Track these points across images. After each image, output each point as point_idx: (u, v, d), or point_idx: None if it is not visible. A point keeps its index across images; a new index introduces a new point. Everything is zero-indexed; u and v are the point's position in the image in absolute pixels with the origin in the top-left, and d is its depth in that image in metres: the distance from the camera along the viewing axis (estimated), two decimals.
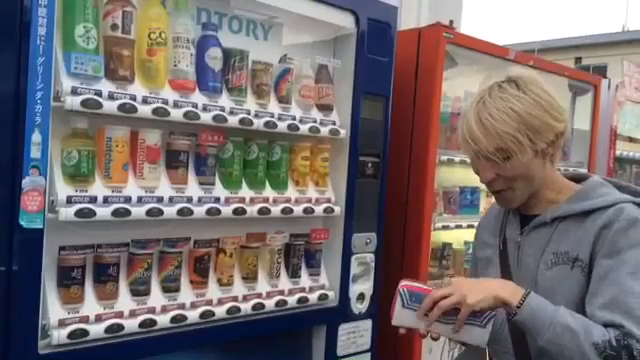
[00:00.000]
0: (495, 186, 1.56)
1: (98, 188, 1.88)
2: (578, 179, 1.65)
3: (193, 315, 2.11)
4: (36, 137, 1.69)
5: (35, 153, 1.70)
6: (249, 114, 2.21)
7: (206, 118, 2.08)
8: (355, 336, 2.68)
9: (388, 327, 2.84)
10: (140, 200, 1.96)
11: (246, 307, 2.26)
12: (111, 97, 1.85)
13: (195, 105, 2.06)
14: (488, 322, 1.44)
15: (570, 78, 3.90)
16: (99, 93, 1.83)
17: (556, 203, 1.59)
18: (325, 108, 2.50)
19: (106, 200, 1.88)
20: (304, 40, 2.54)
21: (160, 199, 2.00)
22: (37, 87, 1.68)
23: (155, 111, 1.94)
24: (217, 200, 2.15)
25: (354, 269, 2.64)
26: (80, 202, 1.82)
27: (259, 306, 2.30)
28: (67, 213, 1.78)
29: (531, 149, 1.49)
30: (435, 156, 2.96)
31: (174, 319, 2.06)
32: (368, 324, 2.73)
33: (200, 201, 2.11)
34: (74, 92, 1.77)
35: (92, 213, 1.83)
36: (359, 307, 2.67)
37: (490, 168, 1.52)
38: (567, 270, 1.50)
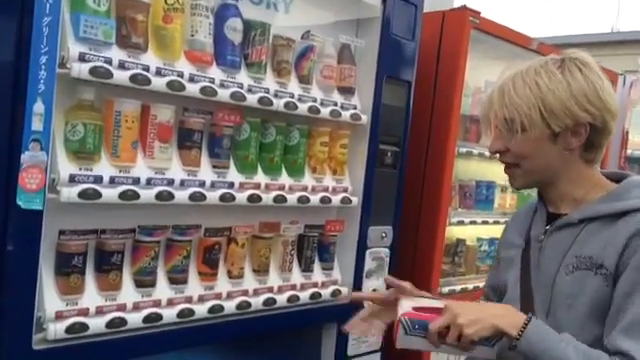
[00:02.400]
0: (503, 158, 1.48)
1: (104, 167, 1.69)
2: (617, 179, 1.50)
3: (201, 310, 1.94)
4: (38, 107, 1.50)
5: (37, 125, 1.50)
6: (268, 93, 2.03)
7: (223, 95, 1.89)
8: (367, 335, 2.52)
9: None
10: (149, 182, 1.77)
11: (257, 302, 2.10)
12: (122, 66, 1.66)
13: (212, 80, 1.88)
14: (496, 343, 1.35)
15: None
16: (109, 61, 1.64)
17: (585, 202, 1.45)
18: (346, 91, 2.32)
19: (112, 180, 1.69)
20: (326, 17, 2.35)
21: (171, 182, 1.82)
22: (41, 51, 1.49)
23: (170, 84, 1.76)
24: (231, 185, 1.97)
25: (368, 264, 2.48)
26: (84, 182, 1.63)
27: (271, 301, 2.14)
28: (70, 193, 1.59)
29: (543, 130, 1.39)
30: (454, 147, 2.80)
31: (181, 313, 1.88)
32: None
33: (213, 186, 1.93)
34: (82, 59, 1.58)
35: (97, 194, 1.64)
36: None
37: (499, 138, 1.45)
38: (589, 276, 1.37)
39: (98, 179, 1.66)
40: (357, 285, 2.45)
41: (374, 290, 2.50)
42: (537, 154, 1.44)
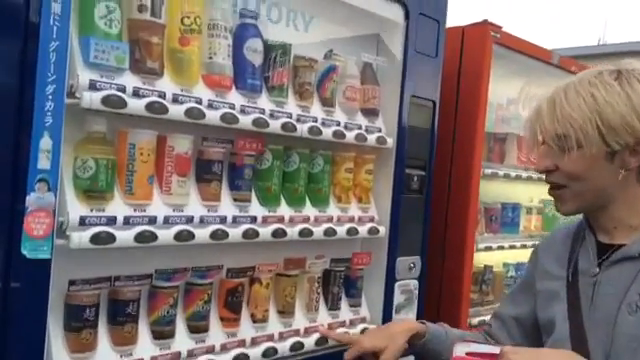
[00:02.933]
0: (550, 178, 1.35)
1: (118, 206, 1.52)
2: None
3: (224, 359, 1.75)
4: (45, 143, 1.32)
5: (43, 163, 1.32)
6: (291, 118, 1.86)
7: (245, 122, 1.72)
8: None
9: None
10: (167, 221, 1.59)
11: (284, 347, 1.91)
12: (136, 94, 1.49)
13: (232, 106, 1.71)
14: None
15: None
16: (122, 89, 1.46)
17: None
18: (370, 113, 2.16)
19: (127, 221, 1.51)
20: (346, 34, 2.20)
21: (190, 219, 1.64)
22: (48, 79, 1.32)
23: (188, 112, 1.59)
24: (254, 220, 1.80)
25: (397, 298, 2.30)
26: (96, 224, 1.45)
27: (298, 346, 1.94)
28: (81, 238, 1.41)
29: (600, 147, 1.26)
30: (480, 169, 2.65)
31: None
32: None
33: (235, 221, 1.75)
34: (93, 87, 1.41)
35: (111, 238, 1.46)
36: None
37: (548, 155, 1.32)
38: None
39: (111, 220, 1.48)
40: (387, 321, 2.26)
41: None
42: (590, 174, 1.30)
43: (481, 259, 2.89)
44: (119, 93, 1.45)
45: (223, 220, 1.72)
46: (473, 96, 2.63)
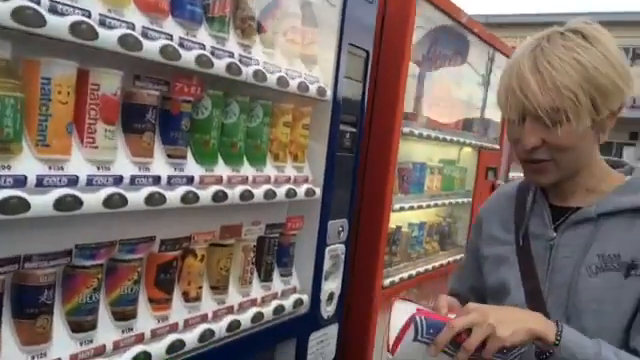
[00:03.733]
0: (537, 154, 1.24)
1: (28, 162, 1.12)
2: (613, 165, 1.37)
3: (157, 349, 1.43)
4: None
5: None
6: (233, 57, 1.55)
7: (187, 58, 1.38)
8: (323, 345, 2.17)
9: (349, 331, 2.40)
10: (91, 182, 1.22)
11: (220, 328, 1.63)
12: (55, 10, 1.09)
13: (169, 37, 1.36)
14: (515, 356, 1.16)
15: (489, 45, 3.64)
16: (37, 1, 1.06)
17: (598, 193, 1.29)
18: (309, 60, 1.90)
19: (40, 182, 1.12)
20: None
21: (118, 180, 1.28)
22: None
23: (123, 40, 1.21)
24: (190, 181, 1.48)
25: (326, 265, 2.11)
26: (2, 186, 1.05)
27: (235, 325, 1.68)
28: None
29: (590, 116, 1.18)
30: (400, 127, 2.52)
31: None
32: (335, 329, 2.24)
33: (169, 182, 1.42)
34: None
35: (24, 205, 1.07)
36: (328, 310, 2.16)
37: (537, 132, 1.21)
38: (619, 278, 1.21)
39: (20, 182, 1.09)
40: (316, 291, 2.08)
41: (331, 293, 2.16)
42: (579, 145, 1.23)
43: (393, 220, 2.80)
44: (35, 6, 1.04)
45: (156, 181, 1.38)
46: (398, 47, 2.47)
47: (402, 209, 2.69)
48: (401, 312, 1.30)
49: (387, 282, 2.66)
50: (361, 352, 2.55)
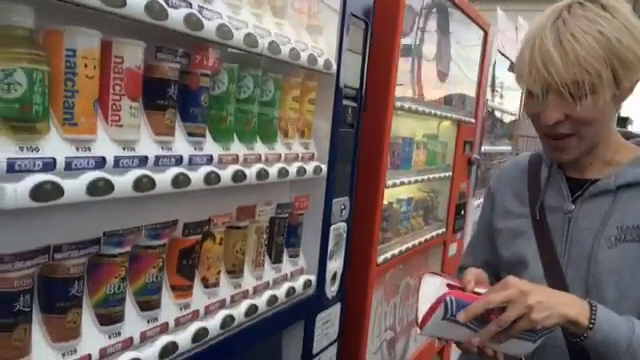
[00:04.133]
0: (559, 129, 1.24)
1: (56, 143, 1.02)
2: (625, 137, 1.39)
3: (183, 339, 1.36)
4: None
5: None
6: (247, 28, 1.46)
7: (209, 28, 1.29)
8: (327, 326, 2.14)
9: (347, 309, 2.37)
10: (117, 164, 1.13)
11: (239, 313, 1.57)
12: None
13: (189, 4, 1.26)
14: (541, 338, 1.17)
15: (466, 15, 3.61)
16: None
17: (614, 165, 1.32)
18: (315, 31, 1.83)
19: (69, 166, 1.02)
20: None
21: (143, 160, 1.19)
22: None
23: (150, 8, 1.11)
24: (209, 160, 1.39)
25: (330, 244, 2.07)
26: (30, 170, 0.95)
27: (252, 309, 1.62)
28: (17, 193, 0.90)
29: (611, 89, 1.18)
30: (394, 101, 2.48)
31: (163, 353, 1.29)
32: (338, 309, 2.21)
33: (191, 162, 1.33)
34: None
35: (57, 191, 0.97)
36: (332, 290, 2.12)
37: (559, 107, 1.20)
38: (638, 249, 1.24)
39: (49, 165, 0.98)
40: (321, 271, 2.03)
41: (335, 273, 2.12)
42: (601, 118, 1.23)
43: (385, 196, 2.77)
44: None
45: (179, 161, 1.29)
46: (391, 18, 2.41)
47: (394, 185, 2.66)
48: (430, 286, 1.28)
49: (381, 259, 2.64)
50: (358, 329, 2.53)
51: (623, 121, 17.09)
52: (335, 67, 1.89)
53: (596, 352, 1.17)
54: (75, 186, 1.01)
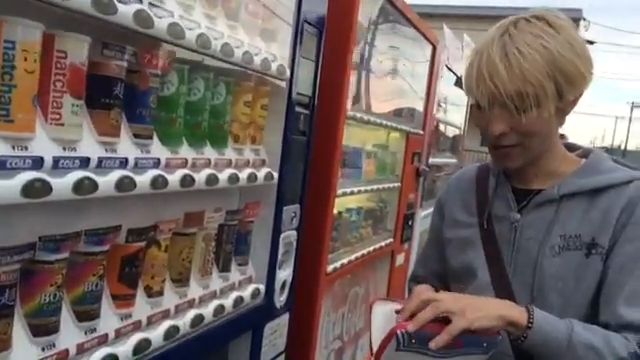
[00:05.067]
0: (505, 141, 1.28)
1: None
2: (568, 148, 1.44)
3: (123, 351, 1.29)
4: None
5: None
6: (200, 28, 1.41)
7: (160, 26, 1.24)
8: (276, 336, 2.09)
9: (295, 319, 2.33)
10: (57, 164, 1.06)
11: (184, 324, 1.50)
12: None
13: (139, 0, 1.21)
14: (491, 349, 1.20)
15: (417, 30, 3.64)
16: None
17: (557, 176, 1.37)
18: (268, 37, 1.80)
19: (4, 165, 0.95)
20: None
21: (85, 162, 1.12)
22: None
23: (96, 0, 1.05)
24: (157, 164, 1.33)
25: (280, 252, 2.03)
26: None
27: (198, 319, 1.56)
28: None
29: (554, 102, 1.22)
30: (346, 110, 2.47)
31: None
32: (286, 319, 2.17)
33: (136, 165, 1.27)
34: None
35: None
36: (281, 300, 2.08)
37: (504, 119, 1.24)
38: (580, 257, 1.28)
39: None
40: (270, 280, 1.99)
41: (284, 282, 2.08)
42: (546, 130, 1.28)
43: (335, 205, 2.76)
44: None
45: (124, 164, 1.23)
46: (344, 20, 2.40)
47: (345, 194, 2.65)
48: (380, 316, 1.30)
49: (330, 268, 2.62)
50: (307, 339, 2.49)
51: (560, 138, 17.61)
52: (288, 73, 1.86)
53: (539, 353, 1.19)
54: (9, 187, 0.94)
